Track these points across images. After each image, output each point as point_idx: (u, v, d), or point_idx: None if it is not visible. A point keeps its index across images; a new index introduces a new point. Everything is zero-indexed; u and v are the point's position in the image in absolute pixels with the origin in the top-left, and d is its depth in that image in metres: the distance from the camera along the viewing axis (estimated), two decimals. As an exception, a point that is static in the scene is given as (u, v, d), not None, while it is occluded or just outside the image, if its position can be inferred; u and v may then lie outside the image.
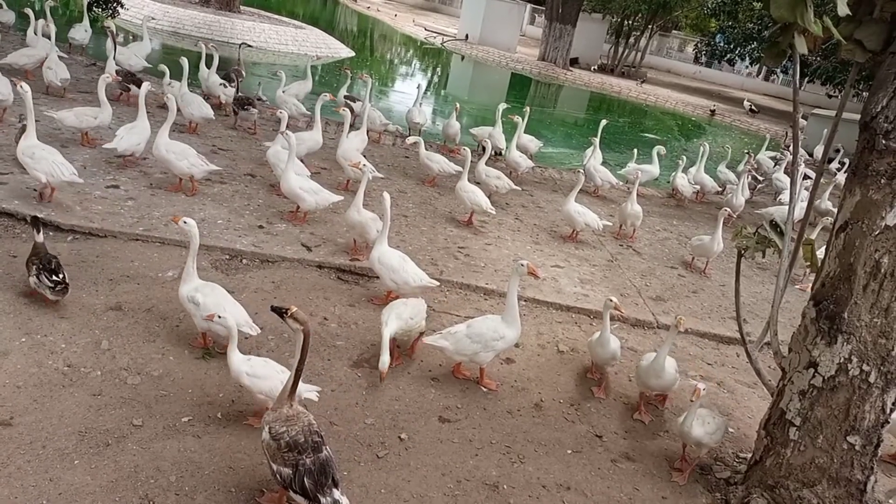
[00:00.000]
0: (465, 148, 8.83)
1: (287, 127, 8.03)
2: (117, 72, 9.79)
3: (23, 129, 6.86)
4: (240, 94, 10.24)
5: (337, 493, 3.32)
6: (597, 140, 10.95)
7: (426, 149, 9.57)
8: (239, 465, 3.84)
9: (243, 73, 11.56)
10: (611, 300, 5.20)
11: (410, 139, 9.77)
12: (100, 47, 11.83)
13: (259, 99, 11.88)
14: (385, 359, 4.59)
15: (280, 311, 3.53)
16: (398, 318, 4.88)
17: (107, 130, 8.39)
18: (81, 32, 11.83)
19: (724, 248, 8.26)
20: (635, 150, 11.72)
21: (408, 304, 5.11)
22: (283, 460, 3.34)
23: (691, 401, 4.40)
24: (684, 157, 11.46)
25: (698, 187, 11.72)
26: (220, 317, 4.28)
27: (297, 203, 7.02)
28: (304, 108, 10.83)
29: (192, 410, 4.19)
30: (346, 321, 5.59)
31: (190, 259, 4.75)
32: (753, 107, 27.78)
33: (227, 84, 10.73)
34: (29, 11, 10.83)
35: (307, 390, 4.14)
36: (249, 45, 11.66)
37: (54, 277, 4.72)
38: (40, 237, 4.94)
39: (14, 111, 8.13)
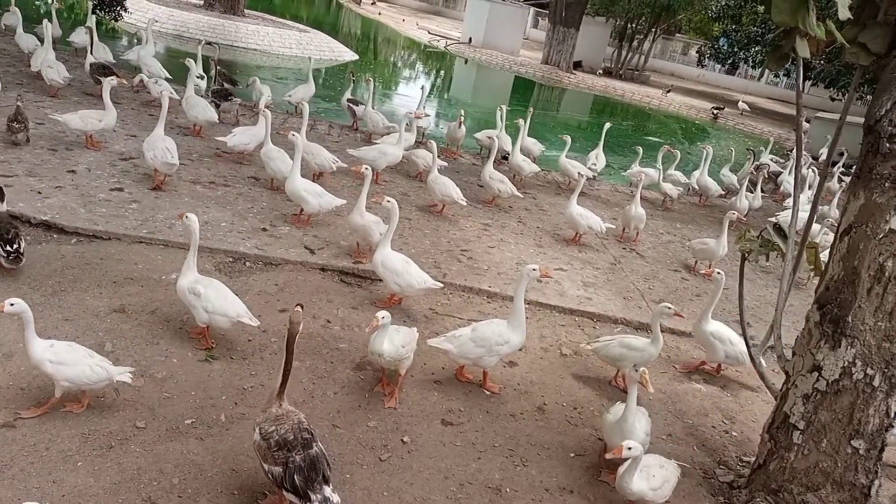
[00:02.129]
0: (432, 141, 8.96)
1: (283, 127, 8.06)
2: (92, 64, 10.04)
3: (17, 110, 7.40)
4: (216, 86, 10.47)
5: (328, 491, 3.31)
6: (568, 139, 10.87)
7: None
8: (241, 467, 3.84)
9: (225, 73, 11.58)
10: (668, 307, 5.13)
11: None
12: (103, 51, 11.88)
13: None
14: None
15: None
16: (391, 343, 4.56)
17: (111, 133, 8.43)
18: (82, 35, 11.88)
19: (728, 252, 8.24)
20: (640, 149, 11.65)
21: (400, 330, 4.70)
22: (273, 459, 3.36)
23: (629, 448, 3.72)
24: (660, 159, 11.38)
25: (680, 189, 11.55)
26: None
27: (301, 205, 7.03)
28: (268, 91, 11.02)
29: (195, 413, 4.20)
30: (349, 324, 5.59)
31: (190, 254, 4.82)
32: (718, 107, 27.42)
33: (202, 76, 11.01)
34: (16, 9, 11.03)
35: (119, 373, 4.02)
36: (210, 44, 12.08)
37: (8, 248, 4.97)
38: (3, 206, 5.19)
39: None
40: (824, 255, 4.67)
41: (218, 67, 11.47)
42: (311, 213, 7.10)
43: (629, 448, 3.56)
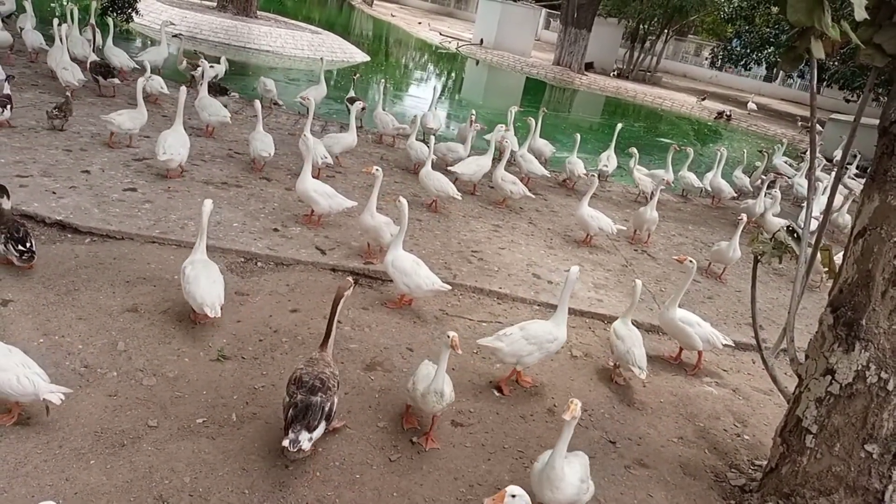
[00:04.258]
0: (432, 136, 9.22)
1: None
2: (93, 63, 10.29)
3: (66, 102, 8.24)
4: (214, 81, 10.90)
5: (303, 435, 3.61)
6: (577, 139, 10.84)
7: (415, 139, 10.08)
8: (252, 466, 3.86)
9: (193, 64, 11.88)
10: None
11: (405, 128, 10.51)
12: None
13: (275, 104, 12.04)
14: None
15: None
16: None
17: (125, 134, 8.49)
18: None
19: (742, 255, 8.19)
20: (634, 150, 11.33)
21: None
22: (287, 391, 3.86)
23: None
24: (669, 159, 11.24)
25: (655, 184, 11.33)
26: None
27: (311, 206, 7.06)
28: (272, 85, 11.67)
29: (207, 412, 4.22)
30: (360, 324, 5.60)
31: (199, 238, 5.15)
32: (722, 113, 26.78)
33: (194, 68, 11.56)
34: (30, 10, 11.37)
35: (49, 390, 3.71)
36: (175, 36, 12.36)
37: (20, 247, 5.06)
38: (7, 205, 5.30)
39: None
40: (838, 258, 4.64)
41: (185, 59, 11.80)
42: (322, 213, 7.12)
43: (513, 496, 3.08)
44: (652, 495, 4.33)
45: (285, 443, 3.61)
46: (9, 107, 7.87)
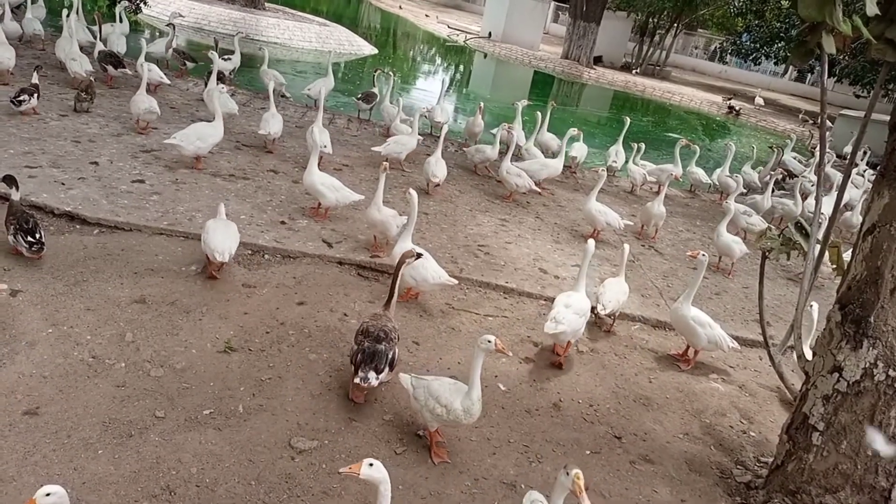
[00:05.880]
0: (442, 129, 9.36)
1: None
2: (101, 52, 10.39)
3: (91, 84, 8.77)
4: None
5: (371, 374, 4.17)
6: (574, 132, 10.89)
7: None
8: (259, 458, 3.88)
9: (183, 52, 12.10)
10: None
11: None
12: (128, 43, 12.02)
13: (283, 96, 12.05)
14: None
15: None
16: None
17: (133, 124, 8.52)
18: (108, 28, 12.07)
19: (749, 250, 8.16)
20: (636, 146, 11.34)
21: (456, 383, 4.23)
22: (356, 341, 4.41)
23: None
24: (677, 153, 11.13)
25: (644, 174, 11.21)
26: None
27: (318, 199, 7.07)
28: (282, 79, 11.71)
29: (214, 403, 4.24)
30: (366, 318, 5.60)
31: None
32: (734, 103, 26.94)
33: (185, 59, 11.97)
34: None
35: None
36: (170, 25, 12.45)
37: (29, 238, 5.12)
38: (17, 196, 5.35)
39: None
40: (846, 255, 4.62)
41: (175, 46, 11.99)
42: (329, 206, 7.12)
43: (371, 465, 2.97)
44: (657, 491, 4.33)
45: (356, 379, 4.18)
46: (35, 95, 8.05)
